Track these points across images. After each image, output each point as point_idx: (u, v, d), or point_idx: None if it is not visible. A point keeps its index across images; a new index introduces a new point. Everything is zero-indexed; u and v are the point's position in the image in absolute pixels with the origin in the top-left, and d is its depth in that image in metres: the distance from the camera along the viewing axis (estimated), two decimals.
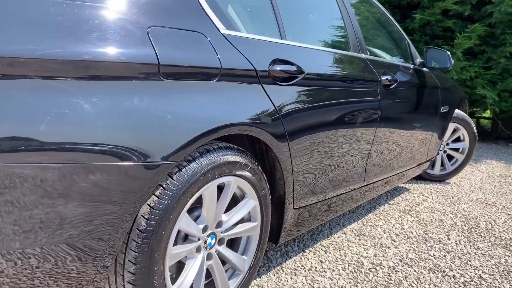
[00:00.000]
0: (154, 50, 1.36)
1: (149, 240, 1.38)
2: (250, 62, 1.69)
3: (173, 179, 1.44)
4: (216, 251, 1.71)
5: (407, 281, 2.25)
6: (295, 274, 2.21)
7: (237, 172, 1.66)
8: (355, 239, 2.70)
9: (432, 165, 4.18)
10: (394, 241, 2.73)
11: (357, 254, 2.49)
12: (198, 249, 1.63)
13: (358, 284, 2.17)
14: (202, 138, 1.43)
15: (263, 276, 2.16)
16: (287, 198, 1.98)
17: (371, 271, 2.32)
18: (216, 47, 1.57)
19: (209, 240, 1.66)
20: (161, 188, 1.42)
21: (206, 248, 1.65)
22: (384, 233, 2.84)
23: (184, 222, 1.50)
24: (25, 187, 1.11)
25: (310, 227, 2.28)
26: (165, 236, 1.42)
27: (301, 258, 2.38)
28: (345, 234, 2.75)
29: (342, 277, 2.23)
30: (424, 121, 3.26)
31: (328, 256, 2.44)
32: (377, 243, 2.67)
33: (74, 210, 1.20)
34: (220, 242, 1.72)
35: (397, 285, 2.20)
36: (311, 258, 2.39)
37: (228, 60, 1.59)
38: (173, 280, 1.60)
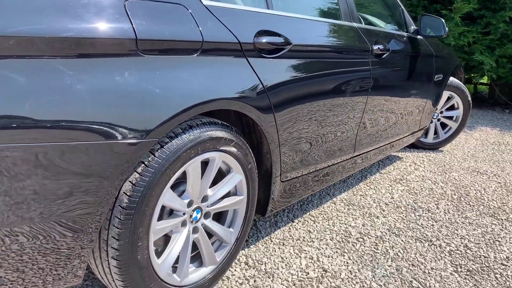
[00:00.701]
0: (132, 25, 1.32)
1: (131, 216, 1.39)
2: (233, 35, 1.65)
3: (155, 156, 1.43)
4: (202, 225, 1.72)
5: (393, 250, 2.29)
6: (283, 244, 2.24)
7: (221, 148, 1.65)
8: (345, 208, 2.73)
9: (426, 133, 4.18)
10: (383, 210, 2.76)
11: (345, 224, 2.53)
12: (183, 223, 1.65)
13: (345, 254, 2.21)
14: (183, 114, 1.42)
15: (251, 246, 2.20)
16: (274, 171, 1.98)
17: (359, 241, 2.36)
18: (197, 19, 1.53)
19: (194, 214, 1.67)
20: (143, 165, 1.41)
21: (191, 222, 1.67)
22: (374, 202, 2.87)
23: (167, 198, 1.51)
24: (7, 166, 1.11)
25: (299, 198, 2.29)
26: (148, 213, 1.43)
27: (289, 228, 2.41)
28: (335, 204, 2.78)
29: (329, 246, 2.27)
30: (417, 90, 3.23)
31: (316, 226, 2.47)
32: (366, 213, 2.70)
33: (55, 187, 1.20)
34: (206, 216, 1.74)
35: (384, 255, 2.24)
36: (300, 228, 2.43)
37: (211, 33, 1.56)
38: (159, 253, 1.63)
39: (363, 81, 2.46)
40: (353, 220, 2.59)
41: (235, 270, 1.99)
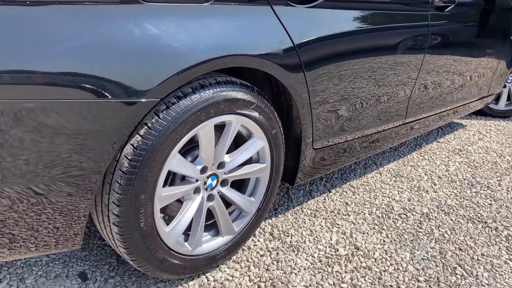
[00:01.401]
0: None
1: (132, 182, 1.29)
2: None
3: (159, 118, 1.30)
4: (218, 193, 1.60)
5: (439, 230, 2.05)
6: (315, 216, 2.08)
7: (239, 111, 1.49)
8: (391, 180, 2.49)
9: (497, 99, 3.72)
10: (435, 184, 2.49)
11: (388, 198, 2.30)
12: (197, 190, 1.53)
13: (383, 231, 2.01)
14: (188, 73, 1.26)
15: (279, 216, 2.06)
16: (304, 138, 1.79)
17: (401, 217, 2.14)
18: None
19: (209, 181, 1.54)
20: (146, 127, 1.29)
21: (206, 189, 1.55)
22: (425, 174, 2.60)
23: (175, 163, 1.39)
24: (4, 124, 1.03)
25: (335, 168, 2.10)
26: (151, 178, 1.32)
27: (325, 199, 2.24)
28: (380, 175, 2.55)
29: (366, 222, 2.07)
30: (488, 49, 2.82)
31: (355, 198, 2.27)
32: (414, 186, 2.44)
33: (47, 146, 1.11)
34: (223, 183, 1.61)
35: (427, 235, 2.01)
36: (336, 200, 2.24)
37: None
38: (169, 221, 1.53)
39: (419, 37, 2.15)
40: (398, 193, 2.36)
41: (258, 241, 1.87)
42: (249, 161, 1.69)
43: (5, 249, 1.22)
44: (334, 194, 2.29)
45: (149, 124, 1.29)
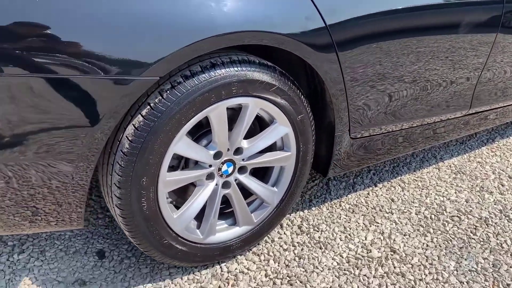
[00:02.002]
0: None
1: (133, 164, 1.23)
2: None
3: (163, 98, 1.23)
4: (235, 180, 1.50)
5: (497, 239, 1.78)
6: (353, 212, 1.91)
7: (256, 93, 1.37)
8: (450, 177, 2.22)
9: None
10: (502, 185, 2.17)
11: (443, 196, 2.05)
12: (210, 176, 1.45)
13: (428, 234, 1.79)
14: (192, 48, 1.16)
15: (313, 208, 1.92)
16: (338, 126, 1.63)
17: (453, 220, 1.89)
18: None
19: (224, 167, 1.45)
20: (148, 107, 1.22)
21: (221, 176, 1.46)
22: (493, 173, 2.28)
23: (182, 147, 1.31)
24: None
25: (377, 162, 1.90)
26: (153, 161, 1.25)
27: (368, 194, 2.05)
28: (438, 170, 2.28)
29: (411, 222, 1.86)
30: None
31: (404, 194, 2.05)
32: (476, 186, 2.15)
33: (36, 123, 1.09)
34: (241, 170, 1.50)
35: (482, 243, 1.76)
36: (382, 195, 2.04)
37: None
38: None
39: (489, 14, 1.85)
40: (455, 192, 2.09)
41: (284, 233, 1.75)
42: (273, 148, 1.57)
43: (26, 221, 1.24)
44: (380, 188, 2.09)
45: (152, 104, 1.22)
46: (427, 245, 1.73)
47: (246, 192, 1.57)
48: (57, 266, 1.55)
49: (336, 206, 1.94)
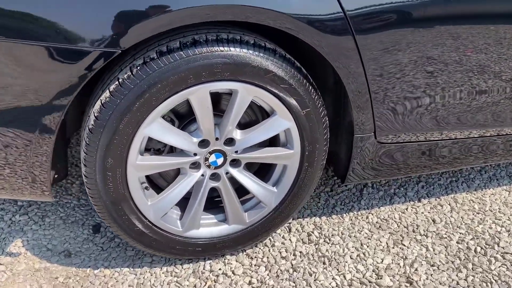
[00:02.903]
0: None
1: (97, 142, 1.16)
2: None
3: (132, 74, 1.12)
4: (227, 174, 1.35)
5: None
6: (379, 227, 1.64)
7: (247, 79, 1.19)
8: None
9: None
10: None
11: (501, 227, 1.68)
12: (196, 166, 1.32)
13: (464, 270, 1.47)
14: (161, 19, 1.04)
15: (334, 216, 1.69)
16: (358, 126, 1.38)
17: (504, 258, 1.53)
18: None
19: (212, 158, 1.31)
20: (116, 82, 1.13)
21: (208, 166, 1.32)
22: None
23: (156, 131, 1.20)
24: None
25: (411, 174, 1.61)
26: (118, 142, 1.16)
27: (406, 209, 1.74)
28: (509, 193, 1.87)
29: (447, 251, 1.54)
30: None
31: (450, 216, 1.71)
32: None
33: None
34: (234, 163, 1.35)
35: None
36: (422, 213, 1.73)
37: None
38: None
39: None
40: None
41: (289, 239, 1.56)
42: (277, 144, 1.39)
43: None
44: (423, 205, 1.77)
45: (120, 80, 1.12)
46: (457, 283, 1.41)
47: (244, 189, 1.41)
48: (51, 233, 1.56)
49: (361, 218, 1.69)
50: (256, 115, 1.41)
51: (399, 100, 1.37)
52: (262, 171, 1.48)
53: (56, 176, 1.34)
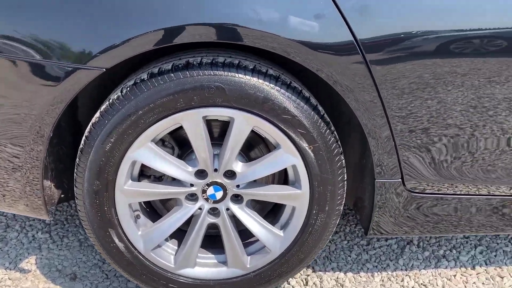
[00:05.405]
0: None
1: (85, 163, 1.13)
2: None
3: (121, 94, 1.09)
4: (227, 210, 1.24)
5: None
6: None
7: (242, 106, 1.09)
8: None
9: None
10: None
11: None
12: (194, 198, 1.23)
13: None
14: (148, 38, 1.00)
15: (362, 273, 1.46)
16: (377, 168, 1.19)
17: None
18: None
19: (210, 190, 1.21)
20: (107, 103, 1.10)
21: (206, 199, 1.22)
22: None
23: (145, 155, 1.14)
24: None
25: (450, 233, 1.34)
26: (104, 164, 1.11)
27: (454, 276, 1.46)
28: None
29: None
30: None
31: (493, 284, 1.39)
32: None
33: None
34: (236, 199, 1.24)
35: None
36: (474, 283, 1.43)
37: None
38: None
39: None
40: None
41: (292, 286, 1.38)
42: (287, 181, 1.25)
43: None
44: (477, 274, 1.46)
45: (110, 100, 1.10)
46: None
47: None
48: (65, 254, 1.55)
49: (395, 280, 1.44)
50: (269, 149, 1.29)
51: (435, 144, 1.16)
52: (274, 212, 1.34)
53: (62, 195, 1.34)
